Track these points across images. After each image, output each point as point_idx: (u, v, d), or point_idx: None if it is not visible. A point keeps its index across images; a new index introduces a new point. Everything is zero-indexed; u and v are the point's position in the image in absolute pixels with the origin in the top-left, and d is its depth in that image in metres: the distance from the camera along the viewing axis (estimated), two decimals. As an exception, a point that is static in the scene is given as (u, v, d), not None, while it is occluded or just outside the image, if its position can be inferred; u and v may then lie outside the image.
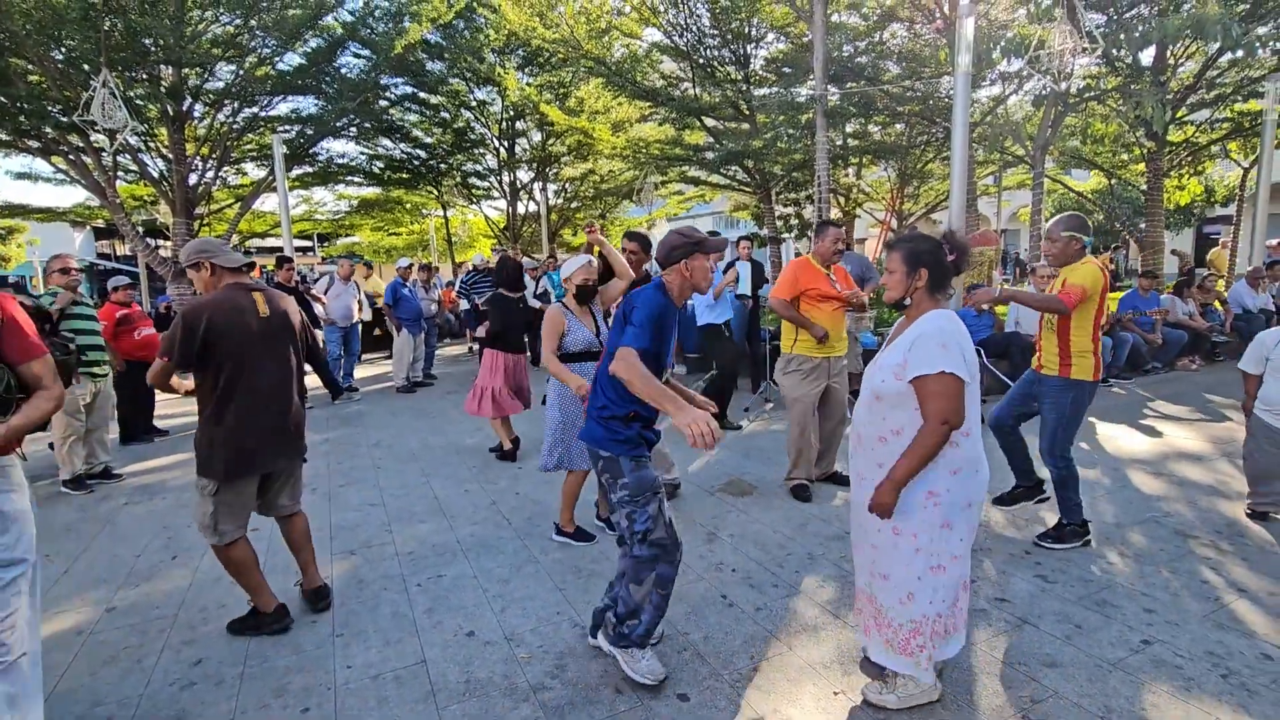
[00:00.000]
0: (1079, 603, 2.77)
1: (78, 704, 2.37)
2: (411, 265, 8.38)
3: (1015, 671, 2.33)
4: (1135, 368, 7.43)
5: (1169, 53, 10.66)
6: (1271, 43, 8.64)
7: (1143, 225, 12.16)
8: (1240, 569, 3.03)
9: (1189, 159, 13.20)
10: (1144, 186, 12.34)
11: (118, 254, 32.70)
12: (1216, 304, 8.32)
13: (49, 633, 2.86)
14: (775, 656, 2.47)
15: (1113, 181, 14.92)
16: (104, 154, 10.77)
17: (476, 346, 9.69)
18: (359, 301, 8.18)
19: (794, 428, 4.09)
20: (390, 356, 8.99)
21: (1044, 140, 9.21)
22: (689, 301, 7.57)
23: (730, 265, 6.07)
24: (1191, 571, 3.02)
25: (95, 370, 4.83)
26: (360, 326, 8.30)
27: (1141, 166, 12.71)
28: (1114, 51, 8.23)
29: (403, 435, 6.02)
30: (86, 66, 9.62)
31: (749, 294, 6.40)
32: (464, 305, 9.15)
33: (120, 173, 12.20)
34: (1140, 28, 8.04)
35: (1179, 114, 11.29)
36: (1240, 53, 6.80)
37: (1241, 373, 3.57)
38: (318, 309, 7.73)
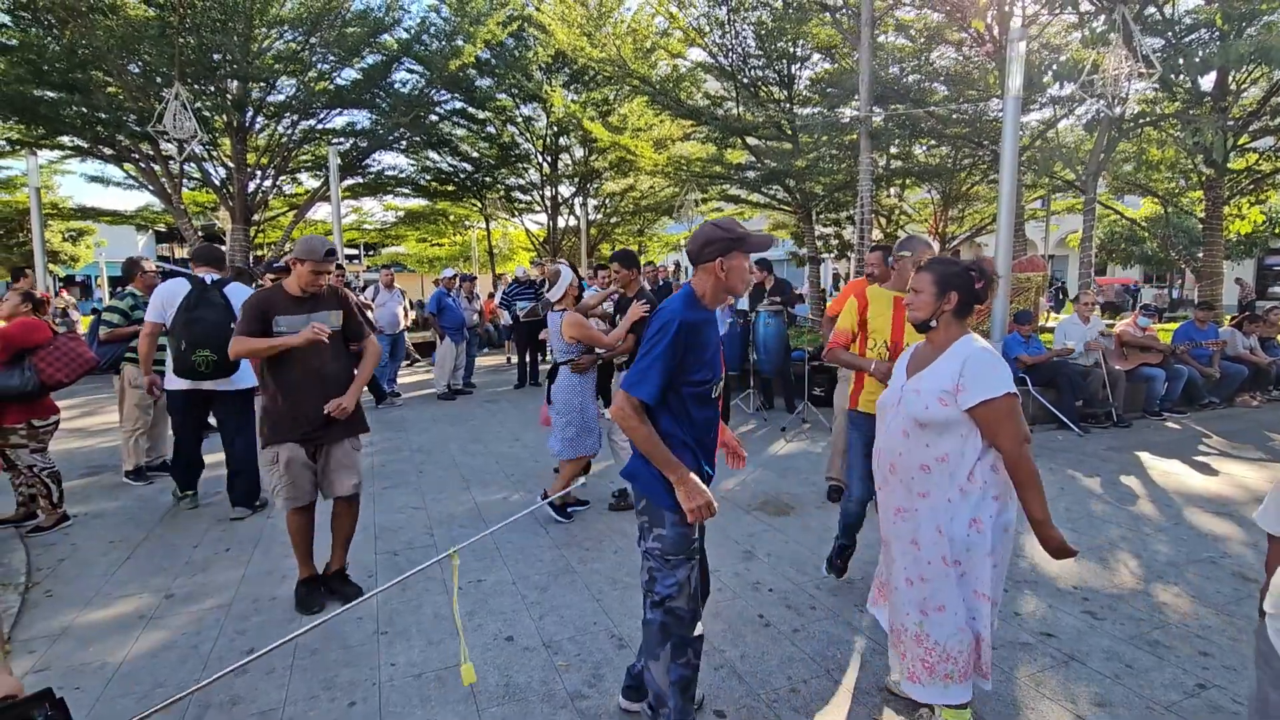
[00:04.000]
0: (1130, 641, 2.69)
1: (140, 684, 2.49)
2: (455, 275, 8.58)
3: (1062, 709, 2.27)
4: (1191, 401, 7.17)
5: (1230, 78, 10.36)
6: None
7: (1200, 255, 11.75)
8: (1304, 615, 2.91)
9: (1251, 187, 12.74)
10: (1201, 215, 11.95)
11: (176, 257, 34.28)
12: (1278, 338, 7.98)
13: (112, 615, 3.01)
14: (813, 679, 2.46)
15: (1168, 209, 14.47)
16: (172, 161, 11.32)
17: (515, 358, 9.88)
18: (404, 309, 8.41)
19: (839, 433, 4.08)
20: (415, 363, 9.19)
21: (1096, 165, 9.01)
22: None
23: (760, 294, 6.11)
24: (1251, 616, 2.90)
25: (162, 367, 5.06)
26: (405, 334, 8.53)
27: (1199, 194, 12.31)
28: (1172, 76, 8.03)
29: (443, 441, 6.15)
30: (159, 80, 10.18)
31: (747, 309, 6.47)
32: (505, 318, 9.29)
33: (185, 180, 12.80)
34: (1200, 52, 7.85)
35: (1240, 141, 10.94)
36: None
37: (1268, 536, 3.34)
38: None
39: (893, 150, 13.73)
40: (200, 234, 12.89)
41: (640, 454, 1.96)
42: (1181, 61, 7.25)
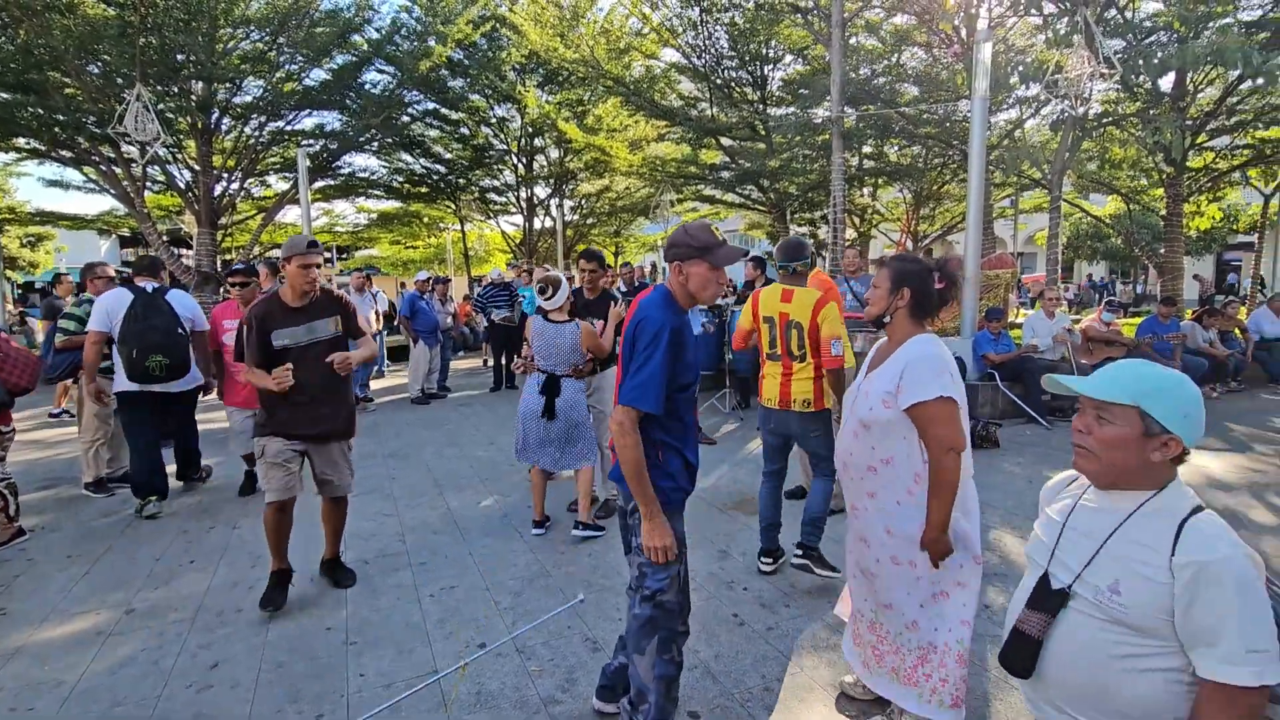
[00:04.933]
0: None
1: (97, 703, 2.41)
2: (429, 279, 8.48)
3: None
4: (1154, 394, 7.35)
5: (1189, 79, 10.66)
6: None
7: (1162, 250, 12.08)
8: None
9: (1208, 185, 13.12)
10: (1163, 212, 12.28)
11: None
12: (1236, 331, 8.22)
13: (69, 632, 2.91)
14: (786, 677, 2.47)
15: (1131, 207, 14.85)
16: (134, 165, 11.05)
17: (490, 360, 9.79)
18: (376, 313, 8.29)
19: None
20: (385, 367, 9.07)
21: (1061, 164, 9.21)
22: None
23: (748, 293, 6.14)
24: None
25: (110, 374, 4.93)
26: (379, 337, 8.41)
27: (1160, 191, 12.65)
28: (1133, 77, 8.24)
29: (417, 446, 6.07)
30: (120, 80, 9.92)
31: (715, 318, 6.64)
32: (482, 322, 9.20)
33: (148, 183, 12.50)
34: (1159, 54, 8.06)
35: (1199, 139, 11.26)
36: (1261, 80, 6.78)
37: None
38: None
39: (865, 149, 13.91)
40: (165, 239, 12.57)
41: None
42: (1141, 63, 7.44)
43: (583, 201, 19.26)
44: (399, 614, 3.01)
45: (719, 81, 12.64)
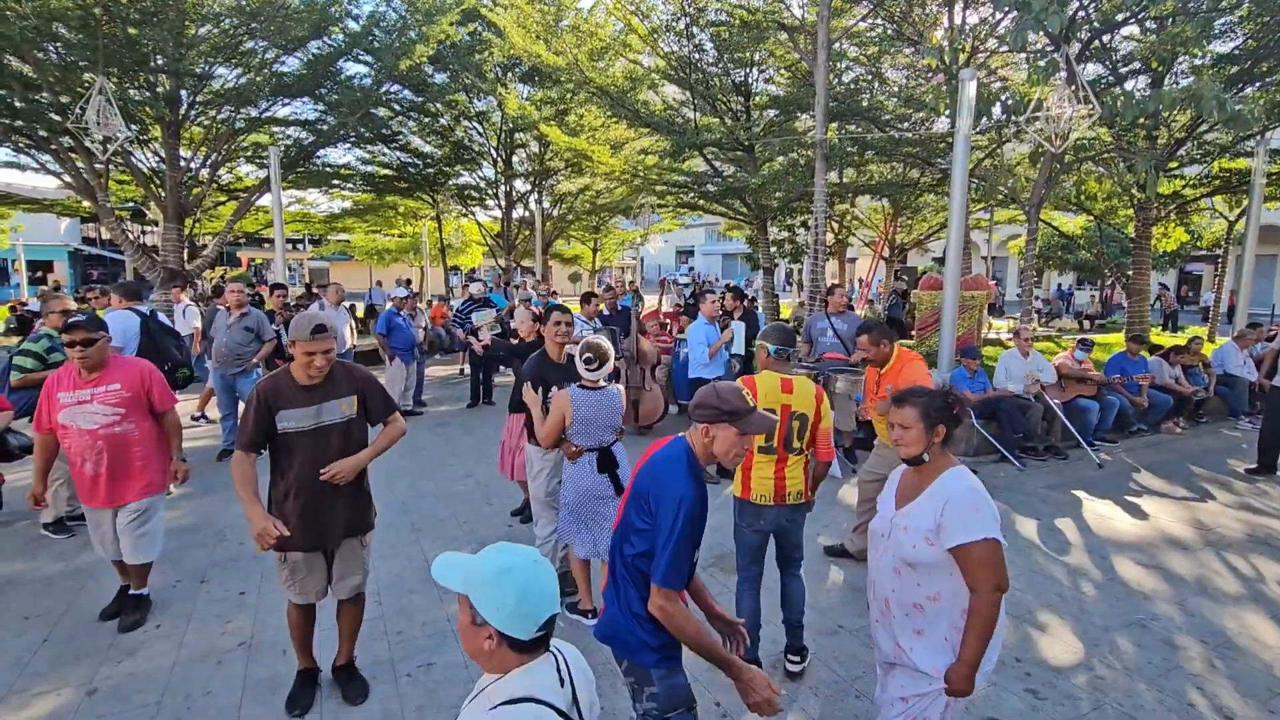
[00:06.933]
0: (1068, 726, 2.80)
1: (58, 818, 2.32)
2: (409, 296, 8.30)
3: (1007, 812, 2.34)
4: (1121, 429, 7.54)
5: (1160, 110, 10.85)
6: (1260, 102, 8.82)
7: (1130, 272, 12.37)
8: (1226, 690, 3.07)
9: (1176, 211, 13.45)
10: (1132, 233, 12.56)
11: (103, 238, 32.27)
12: (1200, 366, 8.46)
13: (28, 718, 2.79)
14: (769, 783, 2.47)
15: (1101, 225, 15.18)
16: (96, 160, 10.58)
17: (468, 369, 9.64)
18: (351, 327, 8.10)
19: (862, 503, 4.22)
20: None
21: (1038, 198, 9.34)
22: (683, 351, 7.62)
23: (727, 323, 6.11)
24: (1179, 691, 3.05)
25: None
26: (352, 353, 8.22)
27: (1130, 211, 12.92)
28: (1111, 117, 8.35)
29: (391, 478, 5.87)
30: (82, 66, 9.45)
31: (743, 353, 6.43)
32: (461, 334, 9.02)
33: (111, 168, 11.96)
34: (1136, 95, 8.19)
35: (1170, 165, 11.50)
36: (1232, 125, 6.94)
37: None
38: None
39: (847, 164, 13.93)
40: (128, 233, 12.07)
41: (617, 611, 1.93)
42: (1120, 103, 7.53)
43: (562, 198, 19.04)
44: (375, 699, 2.94)
45: (702, 89, 12.51)
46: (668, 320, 9.47)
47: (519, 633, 1.26)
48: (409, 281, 14.68)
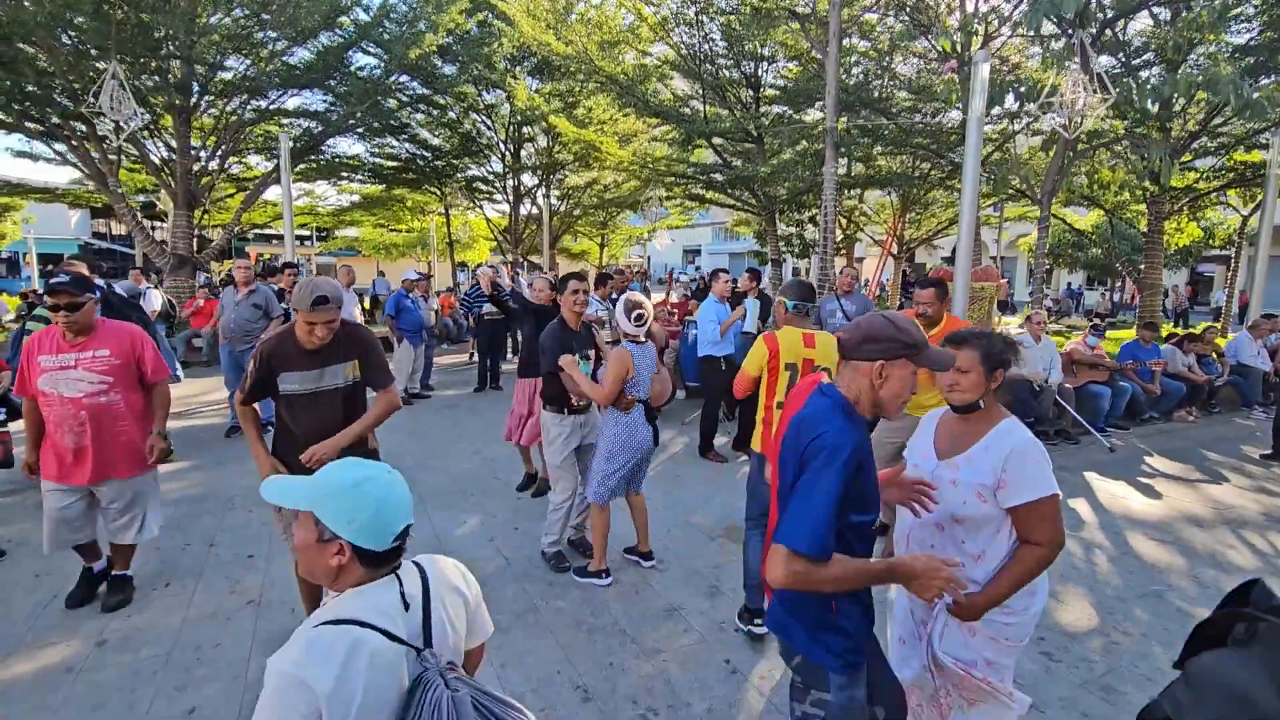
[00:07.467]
0: (1084, 687, 2.76)
1: (67, 757, 2.32)
2: (421, 279, 8.32)
3: (1022, 765, 2.30)
4: (1133, 416, 7.47)
5: (1174, 99, 10.76)
6: (1276, 93, 8.74)
7: (1142, 266, 12.27)
8: (1243, 655, 3.03)
9: (1189, 205, 13.34)
10: (1144, 228, 12.46)
11: (113, 233, 32.51)
12: (1214, 356, 8.37)
13: (37, 668, 2.80)
14: (780, 735, 2.44)
15: (1113, 220, 15.06)
16: (108, 142, 10.66)
17: (476, 355, 9.66)
18: (360, 310, 8.12)
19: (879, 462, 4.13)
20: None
21: (1051, 185, 9.27)
22: (691, 333, 7.58)
23: (739, 301, 6.08)
24: (1195, 656, 3.01)
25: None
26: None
27: (1142, 206, 12.83)
28: (1125, 105, 8.29)
29: (399, 456, 5.88)
30: (95, 52, 9.52)
31: (754, 331, 6.38)
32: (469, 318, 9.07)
33: (123, 156, 12.04)
34: (1152, 81, 8.12)
35: (1185, 157, 11.41)
36: (1249, 113, 6.87)
37: None
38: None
39: (856, 154, 13.89)
40: (139, 218, 12.16)
41: (786, 607, 1.66)
42: (1135, 88, 7.47)
43: (570, 192, 19.07)
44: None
45: (712, 80, 12.51)
46: (674, 309, 9.47)
47: (374, 544, 1.22)
48: (425, 271, 14.68)
